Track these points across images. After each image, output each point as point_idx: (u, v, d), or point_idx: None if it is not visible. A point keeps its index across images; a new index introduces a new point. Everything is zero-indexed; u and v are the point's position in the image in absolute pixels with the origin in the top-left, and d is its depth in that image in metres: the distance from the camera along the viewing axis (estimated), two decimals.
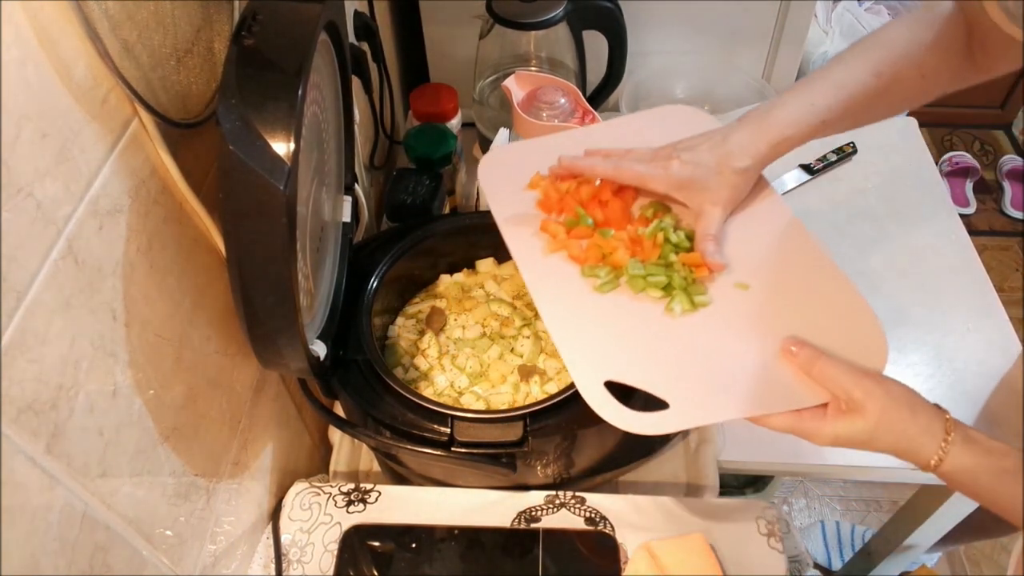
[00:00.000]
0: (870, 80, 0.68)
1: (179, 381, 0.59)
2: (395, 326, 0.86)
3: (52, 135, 0.43)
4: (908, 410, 0.58)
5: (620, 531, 0.73)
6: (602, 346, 0.65)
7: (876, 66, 0.68)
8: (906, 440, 0.58)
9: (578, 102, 1.01)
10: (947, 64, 0.69)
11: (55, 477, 0.45)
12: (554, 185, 0.73)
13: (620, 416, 0.59)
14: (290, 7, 0.53)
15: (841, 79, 0.69)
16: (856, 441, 0.59)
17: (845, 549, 1.57)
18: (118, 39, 0.46)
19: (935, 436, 0.58)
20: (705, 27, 1.21)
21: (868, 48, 0.70)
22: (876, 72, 0.68)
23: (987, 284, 1.07)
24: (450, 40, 1.22)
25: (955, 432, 0.58)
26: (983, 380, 0.97)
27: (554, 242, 0.70)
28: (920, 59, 0.69)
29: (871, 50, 0.70)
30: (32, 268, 0.42)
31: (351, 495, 0.76)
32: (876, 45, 0.70)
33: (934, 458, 0.57)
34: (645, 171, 0.71)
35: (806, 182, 1.20)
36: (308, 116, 0.60)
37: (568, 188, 0.73)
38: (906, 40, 0.69)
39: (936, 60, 0.69)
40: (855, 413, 0.58)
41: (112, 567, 0.51)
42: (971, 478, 0.57)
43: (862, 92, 0.68)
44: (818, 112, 0.69)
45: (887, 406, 0.58)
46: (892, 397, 0.58)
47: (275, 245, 0.51)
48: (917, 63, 0.69)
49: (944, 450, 0.57)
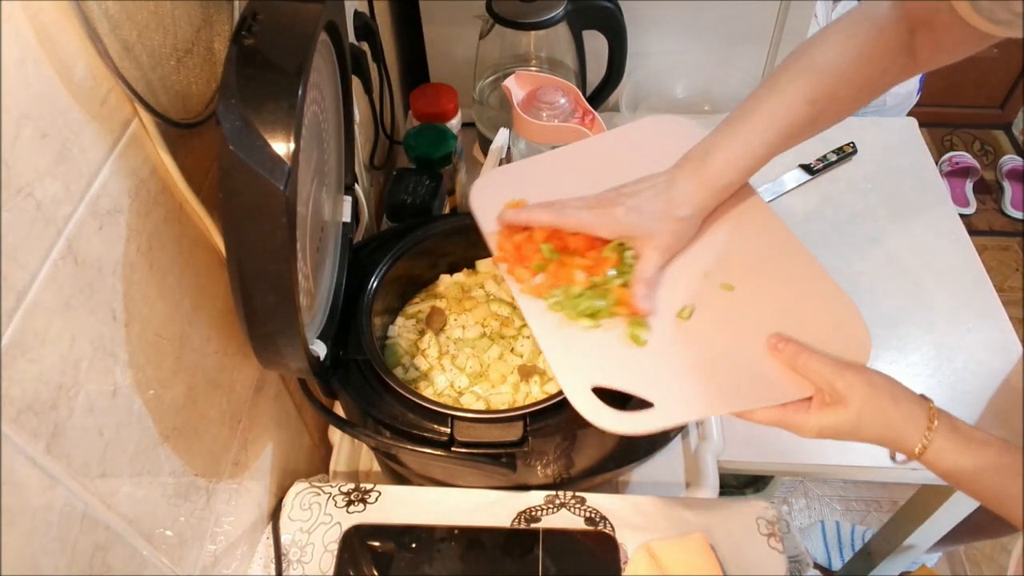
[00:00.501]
0: (804, 108, 0.67)
1: (179, 381, 0.59)
2: (395, 326, 0.86)
3: (52, 135, 0.43)
4: (890, 399, 0.59)
5: (620, 531, 0.73)
6: (587, 352, 0.66)
7: (811, 94, 0.67)
8: (890, 428, 0.59)
9: (578, 102, 1.01)
10: (886, 71, 0.68)
11: (55, 477, 0.45)
12: (509, 239, 0.72)
13: (607, 419, 0.60)
14: (290, 7, 0.53)
15: (775, 112, 0.68)
16: (841, 432, 0.60)
17: (845, 549, 1.57)
18: (118, 39, 0.46)
19: (918, 424, 0.58)
20: (705, 27, 1.21)
21: (802, 73, 0.68)
22: (811, 100, 0.67)
23: (987, 284, 1.07)
24: (450, 40, 1.22)
25: (939, 420, 0.58)
26: (983, 380, 0.97)
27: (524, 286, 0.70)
28: (856, 76, 0.68)
29: (804, 75, 0.68)
30: (32, 268, 0.42)
31: (351, 495, 0.76)
32: (810, 69, 0.68)
33: (918, 446, 0.58)
34: (589, 218, 0.70)
35: (806, 182, 1.20)
36: (308, 116, 0.60)
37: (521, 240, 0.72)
38: (841, 60, 0.67)
39: (874, 71, 0.68)
40: (838, 404, 0.59)
41: (112, 567, 0.51)
42: (954, 466, 0.58)
43: (797, 122, 0.68)
44: (755, 151, 0.69)
45: (869, 396, 0.59)
46: (874, 387, 0.59)
47: (275, 245, 0.51)
48: (853, 81, 0.68)
49: (928, 438, 0.58)
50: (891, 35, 0.67)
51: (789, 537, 0.78)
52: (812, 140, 0.72)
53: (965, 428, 0.59)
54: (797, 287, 0.69)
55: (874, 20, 0.67)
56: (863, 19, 0.68)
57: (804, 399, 0.62)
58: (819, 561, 1.57)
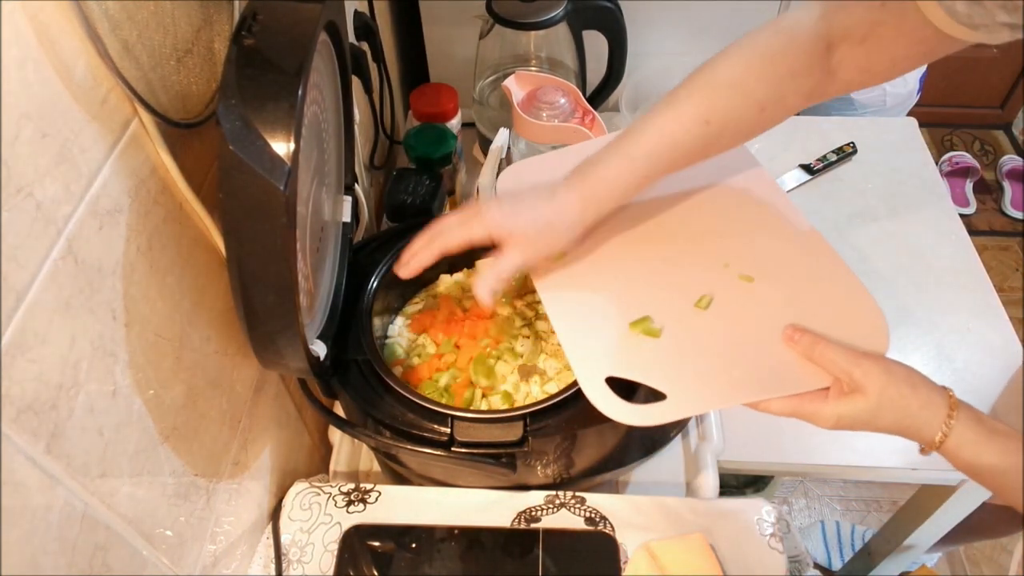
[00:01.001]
0: (697, 128, 0.64)
1: (179, 381, 0.59)
2: (395, 326, 0.86)
3: (52, 135, 0.43)
4: (908, 386, 0.59)
5: (620, 531, 0.73)
6: (603, 342, 0.66)
7: (705, 113, 0.63)
8: (908, 417, 0.58)
9: (578, 102, 1.01)
10: (796, 90, 0.64)
11: (55, 477, 0.45)
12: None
13: (620, 411, 0.61)
14: (290, 7, 0.53)
15: (664, 129, 0.65)
16: (859, 421, 0.59)
17: (845, 549, 1.57)
18: (118, 39, 0.46)
19: (937, 413, 0.58)
20: (705, 27, 1.21)
21: (699, 89, 0.64)
22: (704, 120, 0.63)
23: (987, 284, 1.07)
24: (450, 40, 1.22)
25: (959, 410, 0.58)
26: (983, 380, 0.97)
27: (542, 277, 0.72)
28: (759, 95, 0.63)
29: (701, 92, 0.64)
30: (32, 268, 0.42)
31: (351, 495, 0.76)
32: (708, 85, 0.64)
33: (938, 434, 0.58)
34: (460, 231, 0.68)
35: (806, 182, 1.20)
36: (308, 116, 0.60)
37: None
38: (743, 78, 0.63)
39: (780, 91, 0.63)
40: (856, 393, 0.59)
41: (112, 567, 0.51)
42: (975, 455, 0.57)
43: (690, 140, 0.64)
44: (638, 168, 0.66)
45: (887, 383, 0.58)
46: (891, 375, 0.59)
47: (275, 245, 0.51)
48: (755, 100, 0.63)
49: (948, 425, 0.57)
50: (804, 51, 0.62)
51: (789, 537, 0.78)
52: (812, 140, 0.72)
53: (988, 420, 0.58)
54: (816, 279, 0.70)
55: (788, 33, 0.63)
56: (775, 33, 0.64)
57: (821, 389, 0.62)
58: (819, 561, 1.57)
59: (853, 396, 0.59)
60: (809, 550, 1.52)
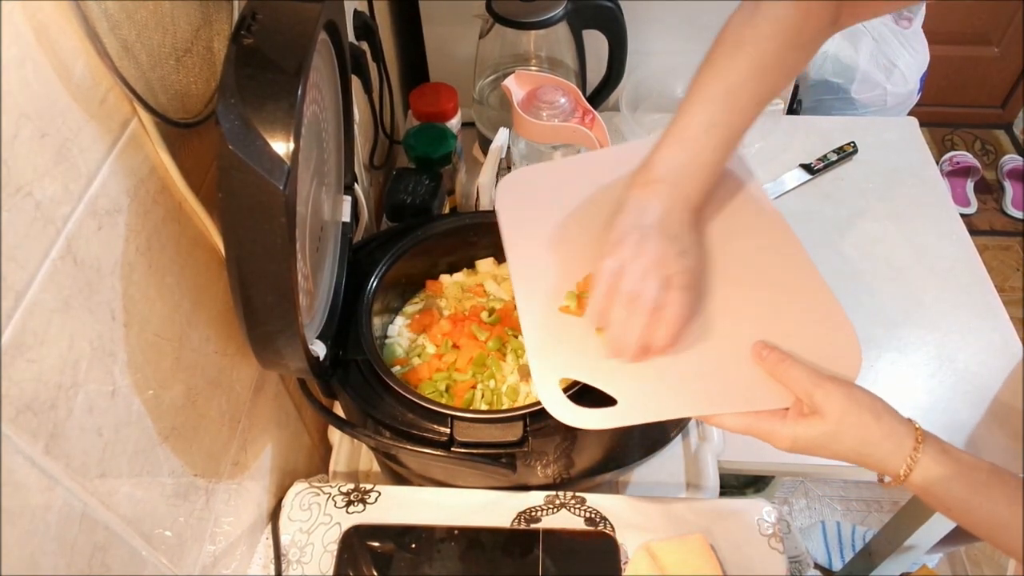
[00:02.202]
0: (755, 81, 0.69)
1: (178, 381, 0.59)
2: (395, 326, 0.86)
3: (51, 135, 0.43)
4: (871, 415, 0.57)
5: (620, 531, 0.73)
6: (567, 344, 0.66)
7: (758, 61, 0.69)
8: (869, 445, 0.57)
9: (578, 102, 1.01)
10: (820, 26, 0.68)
11: (54, 477, 0.45)
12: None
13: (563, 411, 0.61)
14: (290, 7, 0.53)
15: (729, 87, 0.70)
16: (816, 444, 0.58)
17: (845, 549, 1.57)
18: (117, 38, 0.46)
19: (902, 444, 0.56)
20: (705, 27, 1.20)
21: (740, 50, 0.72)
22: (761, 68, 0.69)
23: (988, 284, 1.07)
24: (450, 40, 1.22)
25: (926, 442, 0.56)
26: (984, 380, 0.97)
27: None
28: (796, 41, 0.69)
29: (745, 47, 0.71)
30: (31, 268, 0.42)
31: (351, 495, 0.76)
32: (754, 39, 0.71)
33: (903, 467, 0.56)
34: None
35: (806, 182, 1.20)
36: (308, 116, 0.60)
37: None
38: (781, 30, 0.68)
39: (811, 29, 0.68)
40: (815, 415, 0.58)
41: (111, 567, 0.51)
42: (944, 490, 0.56)
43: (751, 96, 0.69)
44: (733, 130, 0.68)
45: (848, 409, 0.57)
46: (854, 401, 0.57)
47: (275, 245, 0.51)
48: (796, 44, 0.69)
49: (913, 458, 0.56)
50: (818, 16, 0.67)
51: (789, 537, 0.78)
52: (812, 140, 0.72)
53: (955, 451, 0.57)
54: (792, 297, 0.68)
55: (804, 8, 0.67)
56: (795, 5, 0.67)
57: (780, 409, 0.60)
58: (819, 561, 1.57)
59: (812, 418, 0.58)
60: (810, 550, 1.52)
